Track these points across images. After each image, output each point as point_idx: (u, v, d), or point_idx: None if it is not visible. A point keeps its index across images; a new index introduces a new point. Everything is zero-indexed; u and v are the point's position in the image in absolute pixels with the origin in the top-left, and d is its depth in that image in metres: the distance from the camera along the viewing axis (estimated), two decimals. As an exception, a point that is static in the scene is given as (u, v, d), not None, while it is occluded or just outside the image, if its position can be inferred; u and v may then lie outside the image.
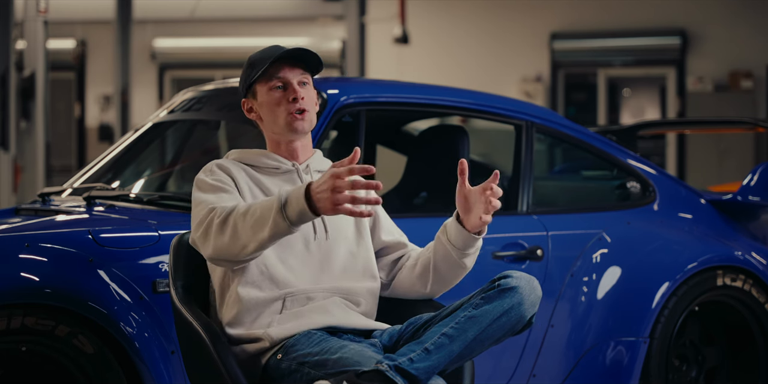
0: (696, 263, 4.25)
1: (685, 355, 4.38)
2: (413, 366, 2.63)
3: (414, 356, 2.65)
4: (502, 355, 3.99)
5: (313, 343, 2.80)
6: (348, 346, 2.75)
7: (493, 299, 2.73)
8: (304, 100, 2.96)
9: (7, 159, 7.98)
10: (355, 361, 2.67)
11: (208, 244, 2.80)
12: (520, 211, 4.19)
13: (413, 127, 5.38)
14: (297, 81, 2.98)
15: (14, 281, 3.25)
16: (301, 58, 2.99)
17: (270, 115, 2.99)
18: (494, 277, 2.79)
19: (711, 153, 12.87)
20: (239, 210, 2.76)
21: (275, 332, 2.84)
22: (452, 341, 2.69)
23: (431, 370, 2.66)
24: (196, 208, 2.88)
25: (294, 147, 3.02)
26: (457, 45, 14.20)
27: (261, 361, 2.86)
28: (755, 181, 4.59)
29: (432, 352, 2.67)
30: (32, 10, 8.38)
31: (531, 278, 2.78)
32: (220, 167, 2.96)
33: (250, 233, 2.72)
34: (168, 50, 15.47)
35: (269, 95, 2.98)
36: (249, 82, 3.01)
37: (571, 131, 4.42)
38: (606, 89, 14.08)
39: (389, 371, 2.60)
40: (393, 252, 3.11)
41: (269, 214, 2.68)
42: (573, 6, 13.82)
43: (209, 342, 2.80)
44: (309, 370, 2.73)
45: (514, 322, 2.74)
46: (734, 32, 13.17)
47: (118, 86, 12.34)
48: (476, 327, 2.71)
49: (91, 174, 4.33)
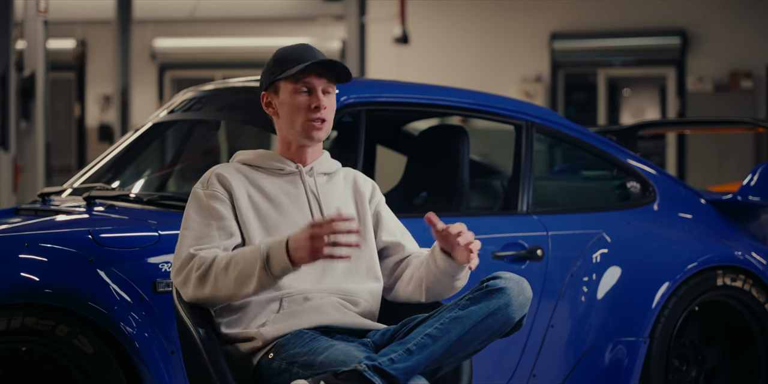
0: (696, 263, 4.25)
1: (685, 355, 4.38)
2: (393, 366, 2.63)
3: (395, 356, 2.65)
4: (502, 355, 3.99)
5: (302, 342, 2.80)
6: (335, 345, 2.76)
7: (479, 300, 2.72)
8: (326, 110, 2.97)
9: (7, 159, 7.98)
10: (340, 361, 2.67)
11: (186, 292, 2.85)
12: (520, 211, 4.19)
13: (413, 127, 5.38)
14: (322, 89, 2.98)
15: (14, 281, 3.25)
16: (332, 68, 2.99)
17: (288, 117, 2.99)
18: (483, 279, 2.78)
19: (711, 153, 12.86)
20: (219, 263, 2.79)
21: (268, 331, 2.85)
22: (435, 342, 2.68)
23: (411, 371, 2.65)
24: (184, 230, 2.90)
25: (303, 151, 3.04)
26: (457, 45, 14.20)
27: (253, 361, 2.86)
28: (755, 181, 4.59)
29: (414, 352, 2.66)
30: (32, 10, 8.37)
31: (520, 279, 2.77)
32: (219, 179, 2.96)
33: (233, 288, 2.78)
34: (168, 50, 15.46)
35: (292, 97, 2.98)
36: (275, 78, 3.01)
37: (571, 131, 4.42)
38: (606, 89, 14.07)
39: (367, 371, 2.60)
40: (393, 254, 3.11)
41: (253, 270, 2.74)
42: (573, 6, 13.82)
43: (199, 340, 2.82)
44: (298, 370, 2.73)
45: (501, 323, 2.73)
46: (734, 32, 13.17)
47: (118, 86, 12.34)
48: (459, 327, 2.70)
49: (91, 174, 4.33)
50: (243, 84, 4.17)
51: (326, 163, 3.10)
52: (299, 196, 3.00)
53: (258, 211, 2.94)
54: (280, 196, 2.98)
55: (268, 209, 2.95)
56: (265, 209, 2.95)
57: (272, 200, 2.97)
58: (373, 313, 3.03)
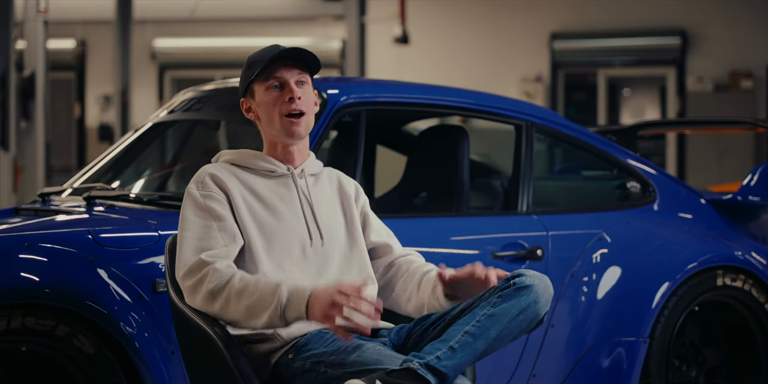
0: (696, 263, 4.25)
1: (685, 355, 4.38)
2: (441, 364, 2.65)
3: (441, 354, 2.67)
4: (502, 355, 3.99)
5: (326, 342, 2.81)
6: (365, 345, 2.77)
7: (510, 297, 2.75)
8: (301, 100, 2.95)
9: (7, 159, 7.98)
10: (376, 360, 2.68)
11: (193, 300, 2.83)
12: (520, 211, 4.19)
13: (413, 127, 5.38)
14: (294, 80, 2.97)
15: (14, 281, 3.25)
16: (299, 57, 2.98)
17: (267, 116, 2.98)
18: (507, 276, 2.80)
19: (711, 153, 12.87)
20: (234, 285, 2.77)
21: (285, 332, 2.85)
22: (476, 339, 2.71)
23: (458, 368, 2.68)
24: (183, 231, 2.88)
25: (290, 150, 3.02)
26: (457, 45, 14.19)
27: (271, 360, 2.86)
28: (755, 181, 4.59)
29: (457, 350, 2.69)
30: (32, 10, 8.37)
31: (543, 276, 2.81)
32: (213, 179, 2.94)
33: (242, 315, 2.76)
34: (168, 50, 15.46)
35: (266, 95, 2.97)
36: (248, 82, 3.00)
37: (571, 131, 4.42)
38: (606, 89, 14.07)
39: (420, 369, 2.62)
40: (382, 255, 3.11)
41: (267, 308, 2.72)
42: (573, 6, 13.82)
43: (219, 341, 2.78)
44: (326, 370, 2.74)
45: (531, 319, 2.76)
46: (734, 32, 13.17)
47: (118, 86, 12.34)
48: (497, 325, 2.72)
49: (91, 174, 4.33)
50: (243, 84, 4.17)
51: (314, 165, 3.09)
52: (293, 199, 2.99)
53: (254, 215, 2.93)
54: (274, 199, 2.96)
55: (264, 214, 2.94)
56: (262, 213, 2.93)
57: (267, 204, 2.95)
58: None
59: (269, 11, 14.73)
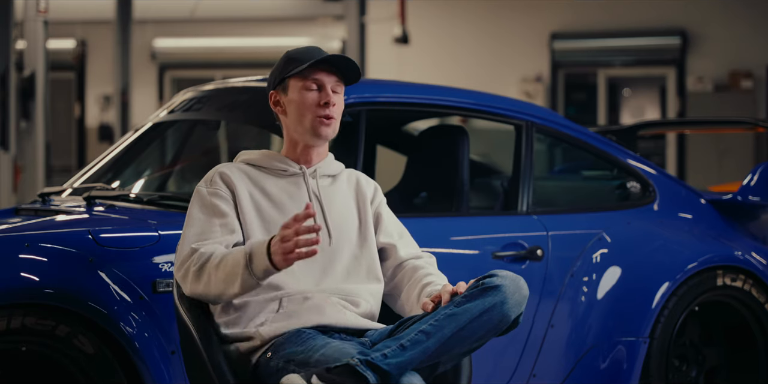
0: (696, 263, 4.25)
1: (685, 355, 4.38)
2: (386, 361, 2.63)
3: (388, 352, 2.65)
4: (502, 355, 3.99)
5: (300, 341, 2.81)
6: (331, 343, 2.76)
7: (475, 298, 2.72)
8: (335, 107, 2.98)
9: (7, 159, 7.98)
10: (335, 358, 2.67)
11: (185, 286, 2.87)
12: (520, 211, 4.19)
13: (413, 127, 5.38)
14: (331, 87, 2.99)
15: (14, 281, 3.25)
16: (342, 66, 2.99)
17: (297, 115, 2.99)
18: (480, 276, 2.78)
19: (711, 153, 12.86)
20: (214, 260, 2.81)
21: (266, 331, 2.85)
22: (429, 338, 2.68)
23: (404, 366, 2.65)
24: (186, 227, 2.93)
25: (309, 151, 3.04)
26: (457, 45, 14.19)
27: (252, 360, 2.87)
28: (755, 181, 4.59)
29: (407, 348, 2.66)
30: (32, 10, 8.37)
31: (517, 277, 2.77)
32: (222, 177, 2.97)
33: (222, 286, 2.79)
34: (168, 50, 15.46)
35: (301, 94, 2.98)
36: (283, 76, 3.00)
37: (571, 131, 4.42)
38: (606, 89, 14.07)
39: (359, 366, 2.59)
40: (390, 257, 3.11)
41: (238, 270, 2.74)
42: (573, 6, 13.82)
43: (199, 340, 2.83)
44: (294, 368, 2.73)
45: (497, 320, 2.72)
46: (734, 32, 13.17)
47: (118, 86, 12.34)
48: (454, 324, 2.70)
49: (91, 174, 4.33)
50: (243, 84, 4.17)
51: (331, 166, 3.10)
52: (302, 197, 3.00)
53: (260, 211, 2.95)
54: (282, 196, 2.98)
55: (269, 209, 2.96)
56: (267, 209, 2.96)
57: (274, 201, 2.97)
58: (374, 313, 3.03)
59: (269, 11, 14.73)
